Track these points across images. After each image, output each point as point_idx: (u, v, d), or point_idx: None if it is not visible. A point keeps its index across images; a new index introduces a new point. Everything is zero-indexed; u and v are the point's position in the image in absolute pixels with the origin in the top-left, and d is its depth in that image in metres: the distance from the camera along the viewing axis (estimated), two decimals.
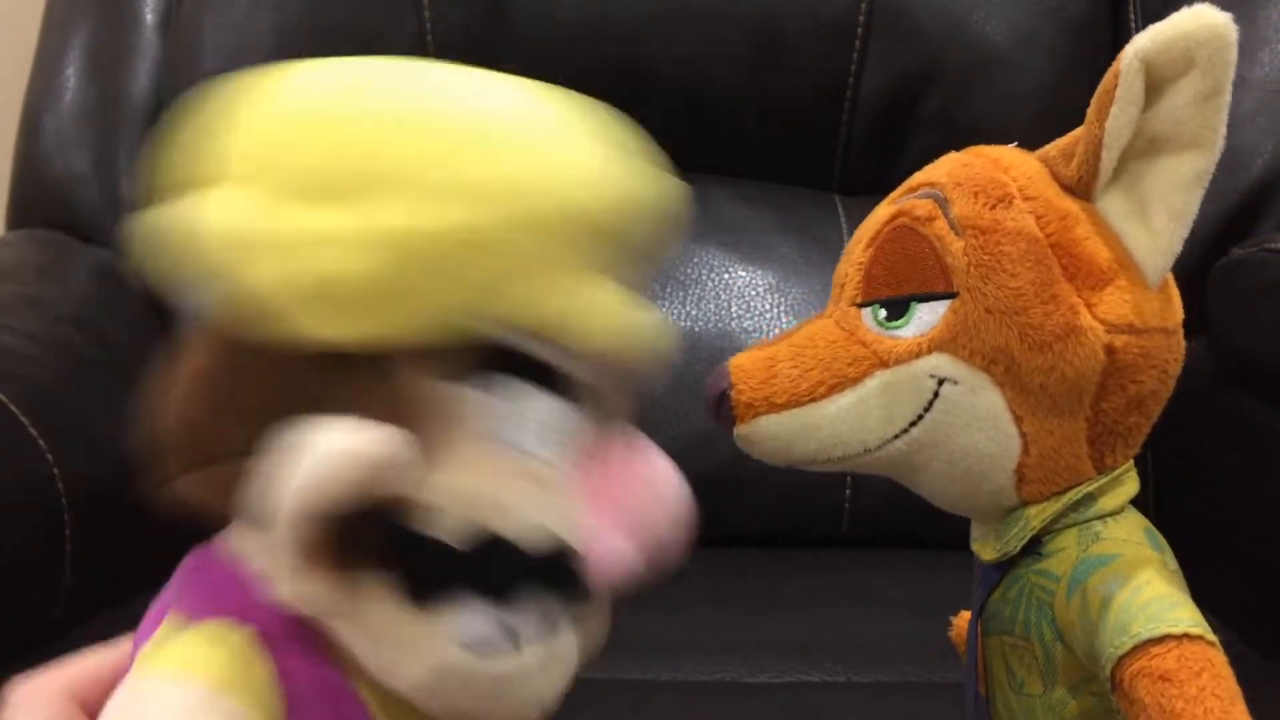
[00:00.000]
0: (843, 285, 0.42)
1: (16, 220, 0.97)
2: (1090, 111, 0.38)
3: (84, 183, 0.95)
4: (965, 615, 0.47)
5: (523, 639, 0.35)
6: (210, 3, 0.95)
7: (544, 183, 0.34)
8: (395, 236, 0.32)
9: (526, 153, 0.34)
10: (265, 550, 0.33)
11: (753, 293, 0.89)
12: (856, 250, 0.41)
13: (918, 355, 0.39)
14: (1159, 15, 0.36)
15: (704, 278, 0.89)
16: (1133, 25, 0.94)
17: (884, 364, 0.39)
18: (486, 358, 0.35)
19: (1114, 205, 0.39)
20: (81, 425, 0.75)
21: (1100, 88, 0.37)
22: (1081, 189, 0.39)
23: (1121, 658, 0.35)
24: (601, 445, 0.38)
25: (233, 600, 0.35)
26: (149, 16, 0.97)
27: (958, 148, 0.44)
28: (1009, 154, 0.41)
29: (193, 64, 0.94)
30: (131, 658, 0.35)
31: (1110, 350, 0.37)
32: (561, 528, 0.35)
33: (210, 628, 0.34)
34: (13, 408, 0.69)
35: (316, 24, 0.91)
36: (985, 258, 0.38)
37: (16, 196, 0.97)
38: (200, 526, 0.38)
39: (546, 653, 0.35)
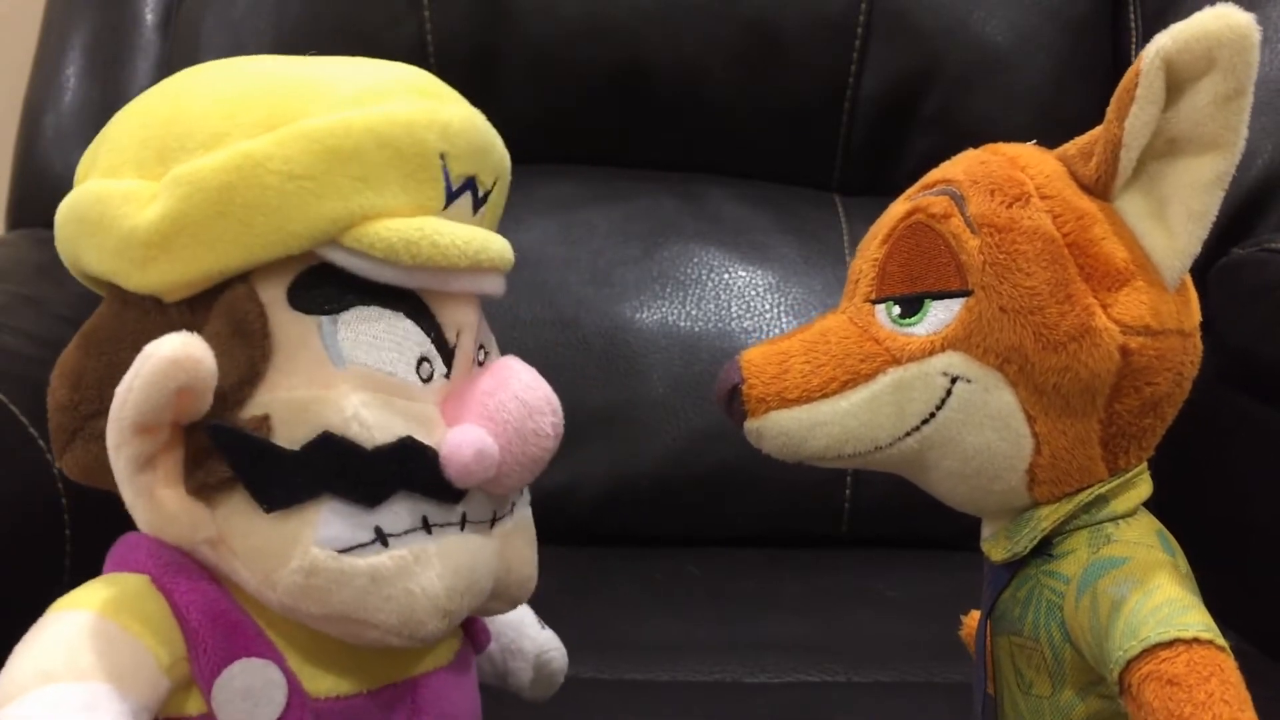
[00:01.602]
0: (857, 281, 0.41)
1: (16, 220, 0.97)
2: (1110, 110, 0.37)
3: None
4: (974, 614, 0.47)
5: (391, 537, 0.36)
6: (210, 3, 0.95)
7: (316, 107, 0.36)
8: (179, 179, 0.35)
9: (302, 86, 0.37)
10: (117, 481, 0.35)
11: (753, 293, 0.89)
12: (871, 246, 0.41)
13: (931, 353, 0.38)
14: (1159, 15, 0.36)
15: (704, 278, 0.89)
16: (1133, 25, 0.94)
17: (897, 361, 0.39)
18: (316, 281, 0.37)
19: (1132, 205, 0.38)
20: None
21: (1120, 87, 0.37)
22: (1100, 188, 0.39)
23: (1130, 661, 0.34)
24: (458, 359, 0.39)
25: (128, 557, 0.38)
26: (149, 16, 0.97)
27: (958, 148, 0.44)
28: (1027, 152, 0.40)
29: (192, 64, 0.94)
30: None
31: (1125, 351, 0.37)
32: (411, 429, 0.37)
33: (103, 578, 0.38)
34: (13, 408, 0.69)
35: (316, 24, 0.91)
36: (1001, 256, 0.38)
37: (16, 196, 0.97)
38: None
39: (422, 550, 0.36)
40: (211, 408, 0.35)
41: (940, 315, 0.38)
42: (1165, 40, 0.36)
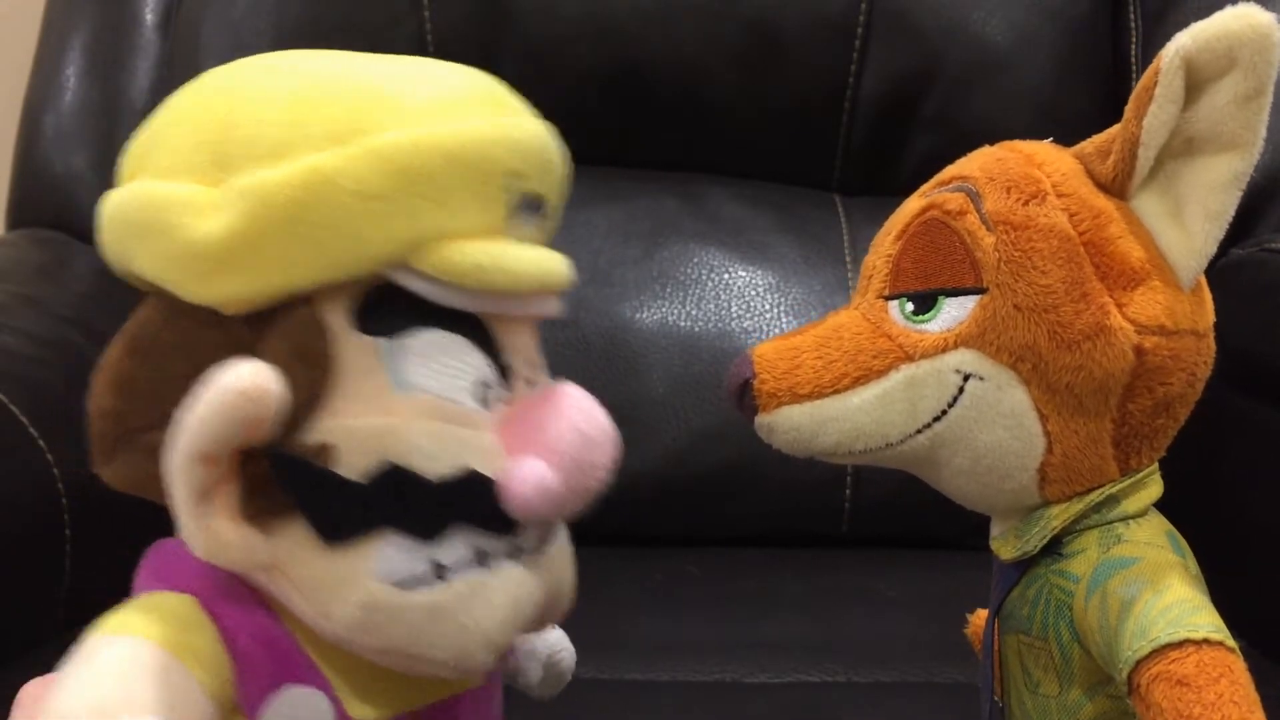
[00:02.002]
0: (870, 277, 0.41)
1: (16, 220, 0.97)
2: (1128, 109, 0.37)
3: (84, 183, 0.95)
4: (982, 613, 0.47)
5: (449, 570, 0.35)
6: (210, 3, 0.95)
7: (386, 121, 0.35)
8: (245, 193, 0.34)
9: (371, 96, 0.35)
10: (175, 507, 0.34)
11: (753, 293, 0.89)
12: (885, 242, 0.41)
13: (944, 350, 0.38)
14: (1159, 15, 0.36)
15: (704, 278, 0.89)
16: (1133, 25, 0.94)
17: (909, 358, 0.39)
18: (381, 303, 0.35)
19: (1149, 205, 0.38)
20: (81, 425, 0.75)
21: (1139, 85, 0.37)
22: (1116, 187, 0.38)
23: (1140, 661, 0.34)
24: (514, 382, 0.38)
25: (172, 575, 0.36)
26: (149, 16, 0.97)
27: (958, 148, 0.43)
28: (1044, 150, 0.40)
29: (193, 64, 0.94)
30: None
31: (1139, 351, 0.37)
32: (472, 460, 0.36)
33: (150, 597, 0.36)
34: (13, 408, 0.69)
35: (316, 24, 0.91)
36: (1016, 254, 0.37)
37: (16, 196, 0.97)
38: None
39: (479, 584, 0.36)
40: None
41: (954, 312, 0.38)
42: (1185, 39, 0.35)
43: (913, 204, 0.41)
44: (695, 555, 0.82)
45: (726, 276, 0.90)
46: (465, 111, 0.36)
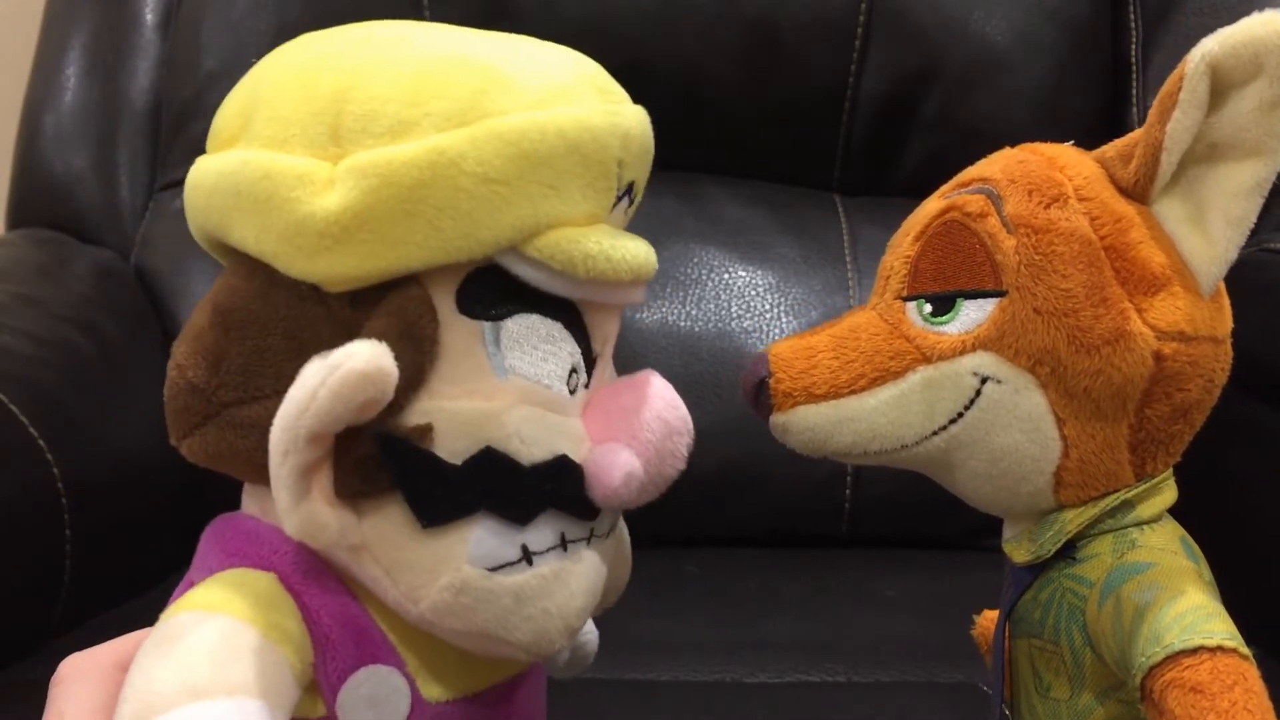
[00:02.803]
0: (888, 278, 0.41)
1: (16, 220, 0.97)
2: (1152, 114, 0.37)
3: (84, 183, 0.95)
4: (988, 614, 0.47)
5: (536, 555, 0.35)
6: (210, 3, 0.95)
7: (507, 103, 0.34)
8: (364, 169, 0.33)
9: (492, 76, 0.35)
10: (273, 484, 0.33)
11: (753, 293, 0.89)
12: (904, 243, 0.41)
13: (962, 352, 0.38)
14: (1159, 15, 0.36)
15: (704, 278, 0.89)
16: (1133, 25, 0.94)
17: (927, 360, 0.39)
18: (485, 285, 0.35)
19: (1171, 210, 0.38)
20: (81, 425, 0.75)
21: (1163, 90, 0.36)
22: (1138, 192, 0.38)
23: (1153, 667, 0.34)
24: (600, 367, 0.38)
25: (251, 552, 0.36)
26: (149, 16, 0.97)
27: (958, 148, 0.43)
28: (1065, 153, 0.40)
29: (193, 64, 0.94)
30: None
31: (1159, 357, 0.37)
32: (564, 446, 0.36)
33: (232, 574, 0.35)
34: (13, 408, 0.69)
35: (316, 24, 0.91)
36: (1037, 257, 0.37)
37: (16, 196, 0.97)
38: (202, 525, 0.38)
39: (561, 568, 0.36)
40: None
41: (973, 315, 0.38)
42: (1212, 45, 0.35)
43: (932, 205, 0.41)
44: (695, 555, 0.82)
45: (726, 276, 0.90)
46: (579, 97, 0.36)
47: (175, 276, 0.91)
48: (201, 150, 0.38)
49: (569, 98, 0.35)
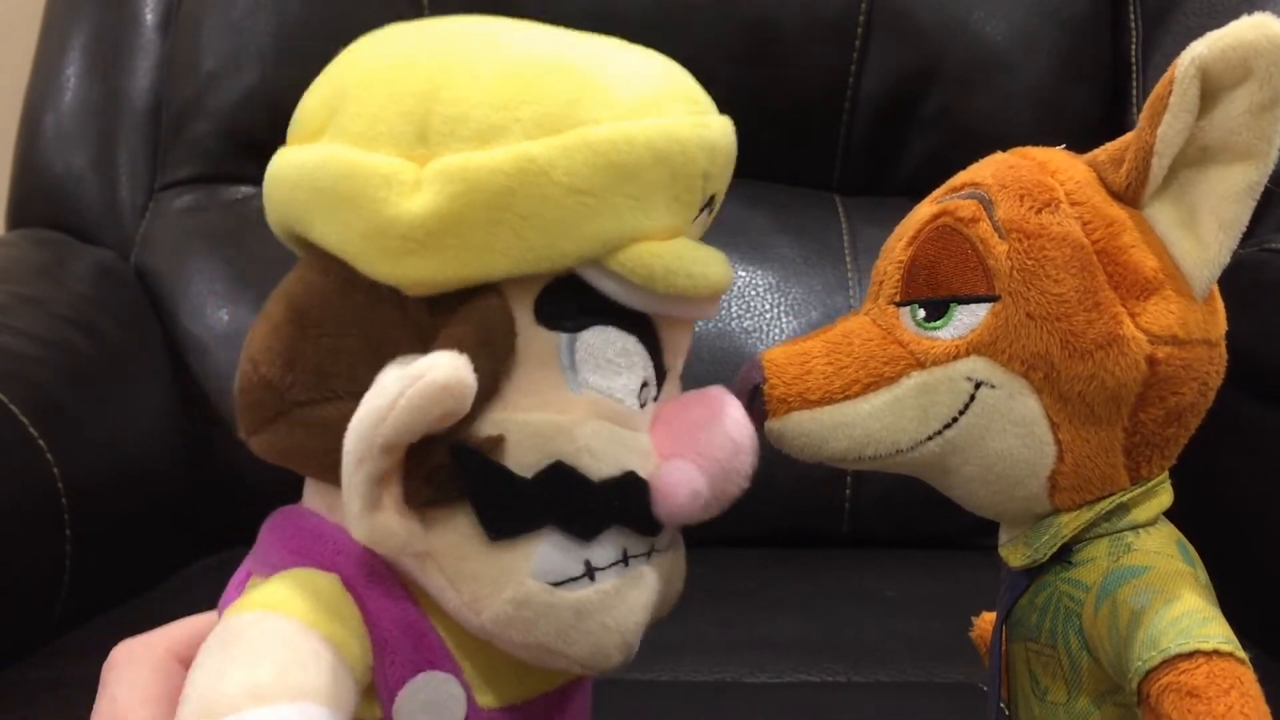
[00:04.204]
0: (881, 283, 0.41)
1: (16, 220, 0.97)
2: (1142, 117, 0.37)
3: (84, 183, 0.95)
4: (987, 616, 0.47)
5: (599, 571, 0.35)
6: (210, 3, 0.95)
7: (598, 112, 0.34)
8: (452, 173, 0.33)
9: (584, 83, 0.34)
10: (344, 490, 0.33)
11: (753, 293, 0.89)
12: (897, 248, 0.40)
13: (955, 357, 0.38)
14: (1159, 16, 0.36)
15: None
16: (1133, 25, 0.94)
17: (921, 365, 0.39)
18: (563, 296, 0.35)
19: (1162, 213, 0.38)
20: (81, 425, 0.75)
21: (1154, 94, 0.36)
22: (1130, 196, 0.38)
23: (1149, 672, 0.34)
24: (670, 380, 0.38)
25: (315, 551, 0.35)
26: (149, 16, 0.97)
27: (958, 148, 0.43)
28: (1056, 157, 0.40)
29: (193, 64, 0.94)
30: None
31: (1152, 361, 0.37)
32: (632, 462, 0.36)
33: (296, 573, 0.35)
34: (13, 408, 0.69)
35: (316, 24, 0.91)
36: (1029, 262, 0.37)
37: (16, 196, 0.97)
38: (206, 528, 0.38)
39: (622, 584, 0.36)
40: None
41: (966, 320, 0.38)
42: (1201, 48, 0.35)
43: (924, 210, 0.41)
44: (695, 555, 0.82)
45: None
46: (669, 106, 0.35)
47: (175, 276, 0.91)
48: (202, 150, 0.38)
49: (659, 108, 0.35)
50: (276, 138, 0.38)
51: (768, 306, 0.89)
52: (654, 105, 0.35)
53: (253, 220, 0.91)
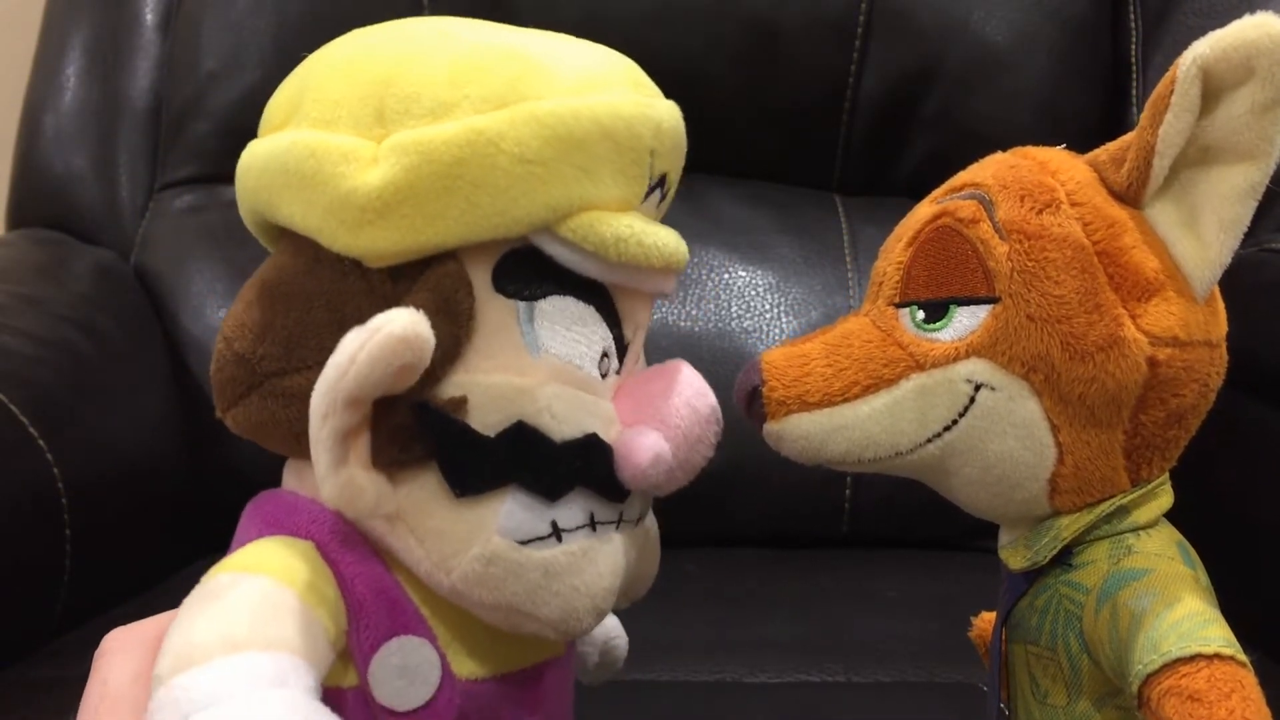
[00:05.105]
0: (880, 284, 0.41)
1: (16, 220, 0.97)
2: (1144, 117, 0.37)
3: (84, 183, 0.95)
4: (986, 616, 0.47)
5: (566, 532, 0.36)
6: (210, 3, 0.95)
7: (544, 89, 0.35)
8: (406, 146, 0.34)
9: (529, 65, 0.36)
10: (312, 449, 0.34)
11: (753, 293, 0.89)
12: (896, 249, 0.40)
13: (955, 359, 0.38)
14: (1159, 16, 0.36)
15: (704, 278, 0.89)
16: (1133, 25, 0.94)
17: (920, 367, 0.38)
18: (520, 265, 0.36)
19: (1163, 214, 0.38)
20: (81, 425, 0.75)
21: (1155, 93, 0.36)
22: (1131, 196, 0.38)
23: (1150, 675, 0.34)
24: (631, 355, 0.39)
25: (290, 521, 0.36)
26: (149, 16, 0.97)
27: (958, 148, 0.43)
28: (1057, 157, 0.40)
29: (193, 64, 0.94)
30: None
31: (1153, 363, 0.37)
32: (594, 426, 0.37)
33: (272, 539, 0.36)
34: (13, 408, 0.69)
35: (316, 24, 0.91)
36: (1029, 263, 0.37)
37: (16, 196, 0.97)
38: (206, 528, 0.38)
39: (590, 546, 0.37)
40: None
41: (966, 321, 0.38)
42: (1203, 48, 0.35)
43: (924, 210, 0.40)
44: (695, 555, 0.82)
45: (726, 276, 0.90)
46: (613, 87, 0.37)
47: (175, 276, 0.91)
48: (202, 150, 0.39)
49: (604, 87, 0.37)
50: None
51: (768, 306, 0.89)
52: (598, 84, 0.36)
53: None
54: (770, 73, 0.92)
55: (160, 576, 0.80)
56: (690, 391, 0.38)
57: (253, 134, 0.39)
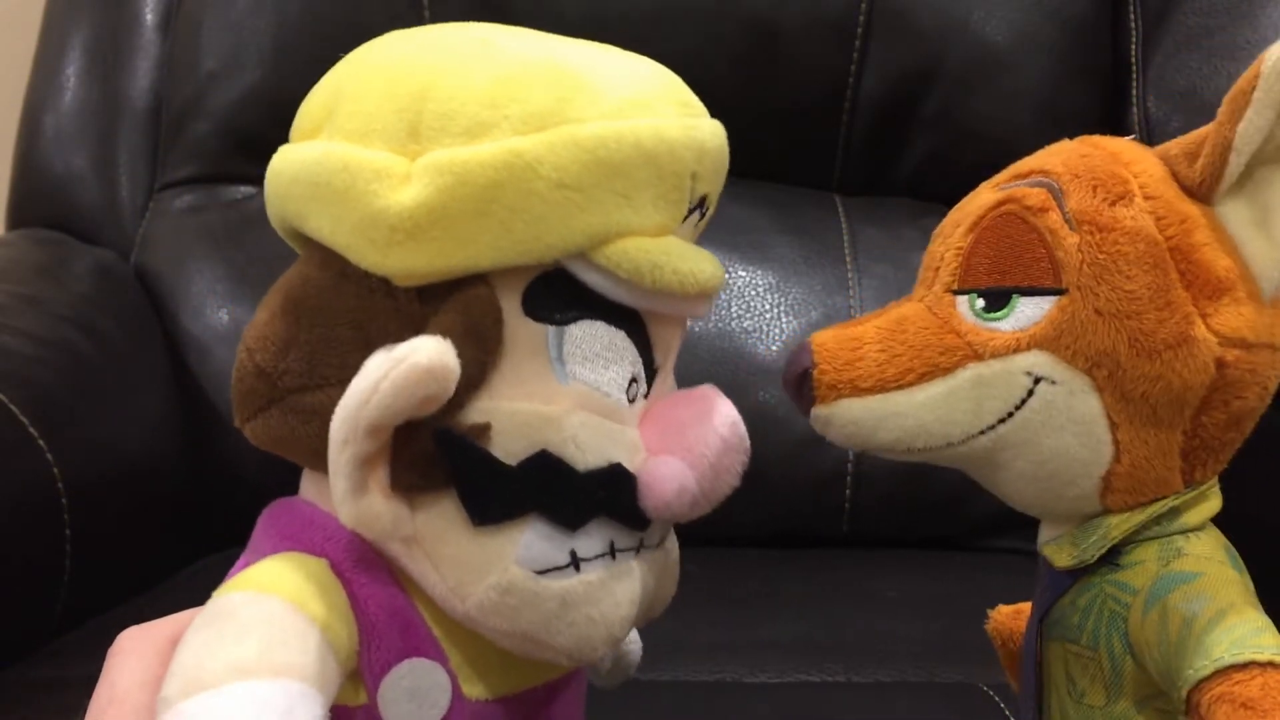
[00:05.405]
0: (937, 269, 0.39)
1: (16, 220, 0.97)
2: (1222, 112, 0.36)
3: (84, 183, 0.95)
4: (1004, 609, 0.46)
5: (584, 562, 0.35)
6: (210, 3, 0.95)
7: (586, 110, 0.34)
8: (441, 166, 0.33)
9: (571, 84, 0.35)
10: (330, 472, 0.33)
11: (753, 293, 0.89)
12: (955, 234, 0.39)
13: (1016, 351, 0.37)
14: (1159, 16, 0.35)
15: None
16: (1133, 25, 0.94)
17: (978, 356, 0.37)
18: (551, 289, 0.35)
19: (1235, 212, 0.37)
20: (81, 425, 0.75)
21: (1235, 88, 0.35)
22: (1202, 192, 0.37)
23: (1201, 681, 0.33)
24: (660, 378, 0.38)
25: (305, 536, 0.36)
26: (149, 16, 0.97)
27: (958, 148, 0.43)
28: (1129, 148, 0.39)
29: (193, 64, 0.94)
30: None
31: (1220, 364, 0.36)
32: (619, 455, 0.36)
33: (286, 556, 0.35)
34: (13, 408, 0.69)
35: (316, 24, 0.91)
36: (1101, 256, 0.36)
37: (16, 196, 0.97)
38: (206, 528, 0.38)
39: (608, 576, 0.36)
40: None
41: (1029, 312, 0.37)
42: None
43: (986, 196, 0.39)
44: (695, 555, 0.82)
45: (726, 276, 0.89)
46: (658, 108, 0.36)
47: (175, 276, 0.91)
48: (202, 150, 0.38)
49: (648, 108, 0.35)
50: (276, 137, 0.38)
51: (768, 306, 0.89)
52: (643, 106, 0.35)
53: (253, 220, 0.91)
54: (770, 73, 0.92)
55: (160, 576, 0.80)
56: (720, 419, 0.37)
57: (253, 134, 0.39)
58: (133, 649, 0.37)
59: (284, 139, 0.38)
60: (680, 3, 0.91)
